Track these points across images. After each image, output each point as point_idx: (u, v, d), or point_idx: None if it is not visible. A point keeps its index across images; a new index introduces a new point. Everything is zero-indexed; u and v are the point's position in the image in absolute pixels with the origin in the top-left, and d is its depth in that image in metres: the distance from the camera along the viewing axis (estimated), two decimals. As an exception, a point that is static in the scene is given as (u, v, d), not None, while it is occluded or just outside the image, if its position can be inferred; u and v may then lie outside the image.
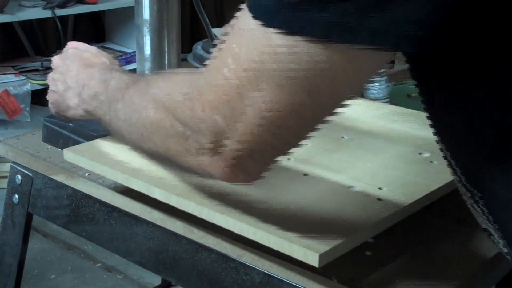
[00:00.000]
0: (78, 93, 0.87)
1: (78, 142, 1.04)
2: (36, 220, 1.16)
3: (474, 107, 0.56)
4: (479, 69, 0.54)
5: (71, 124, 1.12)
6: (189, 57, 1.66)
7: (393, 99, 2.46)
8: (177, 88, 0.67)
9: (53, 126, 1.14)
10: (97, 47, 3.38)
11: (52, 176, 1.07)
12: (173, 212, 0.88)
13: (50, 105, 0.95)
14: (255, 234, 0.76)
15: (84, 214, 1.04)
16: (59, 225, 1.10)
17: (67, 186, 1.05)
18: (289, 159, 0.94)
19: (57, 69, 0.93)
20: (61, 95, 0.91)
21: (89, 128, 1.11)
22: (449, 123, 0.61)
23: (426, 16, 0.50)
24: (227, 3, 3.85)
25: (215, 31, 1.53)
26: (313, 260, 0.71)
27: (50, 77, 0.95)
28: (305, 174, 0.90)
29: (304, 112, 0.59)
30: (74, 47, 0.96)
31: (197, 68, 1.60)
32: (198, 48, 1.67)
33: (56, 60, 0.95)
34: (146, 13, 1.13)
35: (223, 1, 3.86)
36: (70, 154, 0.96)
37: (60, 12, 2.93)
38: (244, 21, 0.57)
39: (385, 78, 2.40)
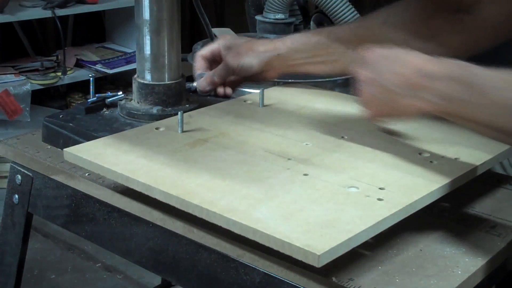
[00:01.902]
0: (416, 97, 0.83)
1: (78, 142, 1.04)
2: (36, 220, 1.16)
3: None
4: None
5: (71, 124, 1.12)
6: (189, 57, 1.66)
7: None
8: None
9: (53, 126, 1.14)
10: (97, 47, 3.37)
11: (52, 176, 1.07)
12: (173, 212, 0.88)
13: (373, 117, 0.92)
14: (255, 234, 0.76)
15: (84, 214, 1.04)
16: (59, 225, 1.10)
17: (67, 186, 1.05)
18: (289, 159, 0.94)
19: (370, 82, 0.89)
20: (388, 104, 0.87)
21: (89, 128, 1.11)
22: None
23: None
24: (227, 3, 3.85)
25: (215, 31, 1.53)
26: (313, 260, 0.71)
27: (365, 91, 0.90)
28: (305, 174, 0.90)
29: None
30: (377, 55, 0.90)
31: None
32: (198, 48, 1.67)
33: (364, 74, 0.90)
34: (146, 13, 1.14)
35: (223, 1, 3.86)
36: (70, 154, 0.96)
37: (60, 12, 2.94)
38: None
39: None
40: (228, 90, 1.22)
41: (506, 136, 0.79)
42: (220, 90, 1.22)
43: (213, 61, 1.20)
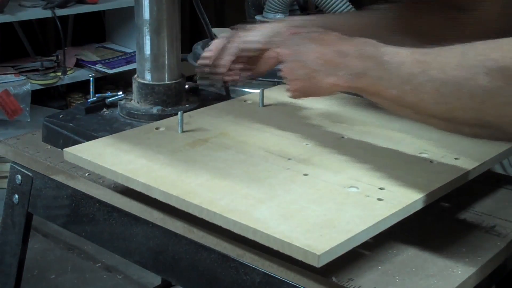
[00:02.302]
0: (331, 73, 0.86)
1: (78, 142, 1.04)
2: (36, 220, 1.16)
3: None
4: None
5: (71, 124, 1.12)
6: (189, 57, 1.66)
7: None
8: None
9: (53, 126, 1.14)
10: (97, 47, 3.37)
11: (52, 176, 1.07)
12: (173, 212, 0.88)
13: (293, 93, 0.93)
14: (255, 234, 0.76)
15: (84, 214, 1.04)
16: (59, 225, 1.10)
17: (67, 186, 1.05)
18: (289, 159, 0.94)
19: (289, 58, 0.91)
20: (306, 80, 0.89)
21: (89, 128, 1.11)
22: None
23: None
24: (227, 3, 3.85)
25: (215, 31, 1.53)
26: (313, 260, 0.71)
27: (285, 68, 0.92)
28: (305, 174, 0.90)
29: None
30: (295, 33, 0.94)
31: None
32: (198, 48, 1.67)
33: (282, 50, 0.93)
34: (146, 13, 1.14)
35: (223, 1, 3.86)
36: (70, 154, 0.96)
37: (60, 12, 2.94)
38: None
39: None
40: (235, 75, 1.18)
41: (413, 112, 0.81)
42: (229, 76, 1.17)
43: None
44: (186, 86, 1.23)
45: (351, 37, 0.89)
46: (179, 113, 1.03)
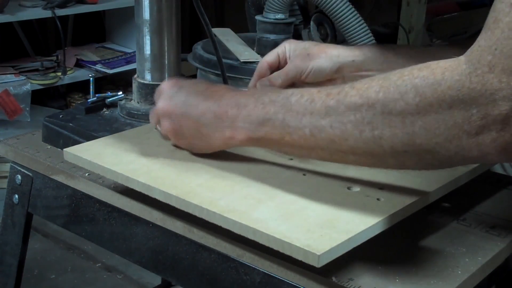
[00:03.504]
0: (227, 126, 0.84)
1: (78, 142, 1.04)
2: (36, 220, 1.16)
3: None
4: None
5: (71, 124, 1.12)
6: (189, 57, 1.66)
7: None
8: (449, 69, 0.66)
9: (53, 126, 1.14)
10: (97, 47, 3.37)
11: (52, 176, 1.07)
12: (173, 212, 0.88)
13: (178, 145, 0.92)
14: (255, 234, 0.76)
15: (84, 214, 1.04)
16: (59, 225, 1.10)
17: (67, 186, 1.05)
18: (289, 159, 0.94)
19: (172, 114, 0.89)
20: (195, 138, 0.89)
21: (89, 128, 1.11)
22: None
23: None
24: (227, 3, 3.85)
25: (215, 31, 1.53)
26: (313, 260, 0.71)
27: (167, 126, 0.91)
28: (304, 174, 0.90)
29: None
30: (175, 85, 0.91)
31: (197, 67, 1.60)
32: (198, 48, 1.67)
33: (163, 106, 0.90)
34: (146, 13, 1.14)
35: (223, 1, 3.86)
36: (70, 154, 0.96)
37: (60, 12, 2.94)
38: None
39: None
40: None
41: (327, 152, 0.78)
42: None
43: (276, 68, 1.07)
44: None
45: (244, 89, 0.86)
46: (179, 113, 1.03)
